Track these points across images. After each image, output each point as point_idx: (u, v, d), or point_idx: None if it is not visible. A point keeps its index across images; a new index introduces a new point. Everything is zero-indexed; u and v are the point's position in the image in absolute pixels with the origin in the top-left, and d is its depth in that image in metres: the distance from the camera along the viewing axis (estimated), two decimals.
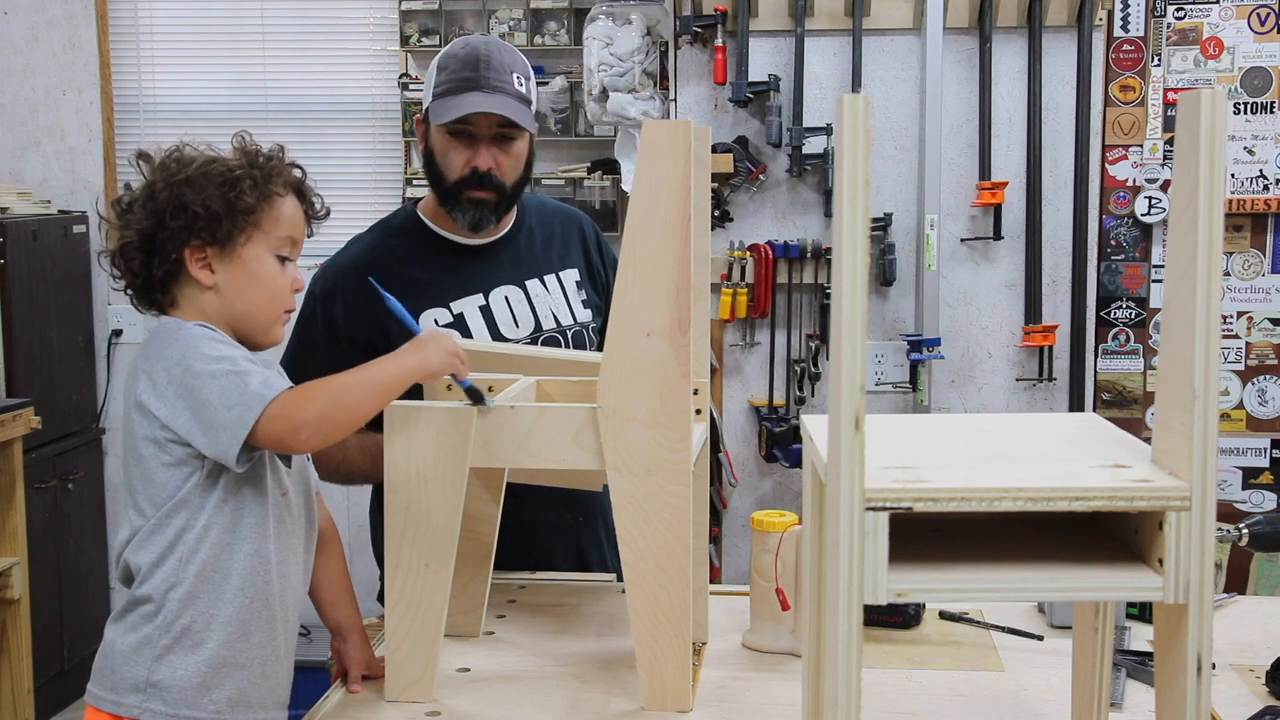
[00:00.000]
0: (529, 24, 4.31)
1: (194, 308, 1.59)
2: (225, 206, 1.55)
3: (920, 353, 3.67)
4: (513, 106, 2.04)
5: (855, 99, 1.04)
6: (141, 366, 1.55)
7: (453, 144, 2.07)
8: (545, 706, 1.60)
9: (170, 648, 1.52)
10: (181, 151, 1.61)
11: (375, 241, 2.18)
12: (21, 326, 3.81)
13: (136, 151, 1.62)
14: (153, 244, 1.56)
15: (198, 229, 1.55)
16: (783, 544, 1.73)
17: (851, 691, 1.09)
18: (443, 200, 2.12)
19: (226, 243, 1.57)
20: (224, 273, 1.57)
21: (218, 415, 1.48)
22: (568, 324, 2.19)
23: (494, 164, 2.06)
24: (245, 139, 1.63)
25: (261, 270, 1.59)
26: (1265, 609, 1.94)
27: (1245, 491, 3.79)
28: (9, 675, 3.50)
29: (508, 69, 2.05)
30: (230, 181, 1.56)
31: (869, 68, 3.73)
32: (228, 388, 1.48)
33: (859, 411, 1.06)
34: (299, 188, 1.64)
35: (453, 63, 2.06)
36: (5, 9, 4.46)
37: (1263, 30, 3.69)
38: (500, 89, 2.03)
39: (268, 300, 1.60)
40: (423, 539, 1.59)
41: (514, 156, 2.09)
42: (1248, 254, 3.77)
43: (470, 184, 2.07)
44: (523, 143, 2.10)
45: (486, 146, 2.06)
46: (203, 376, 1.49)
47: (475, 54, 2.04)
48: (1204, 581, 1.09)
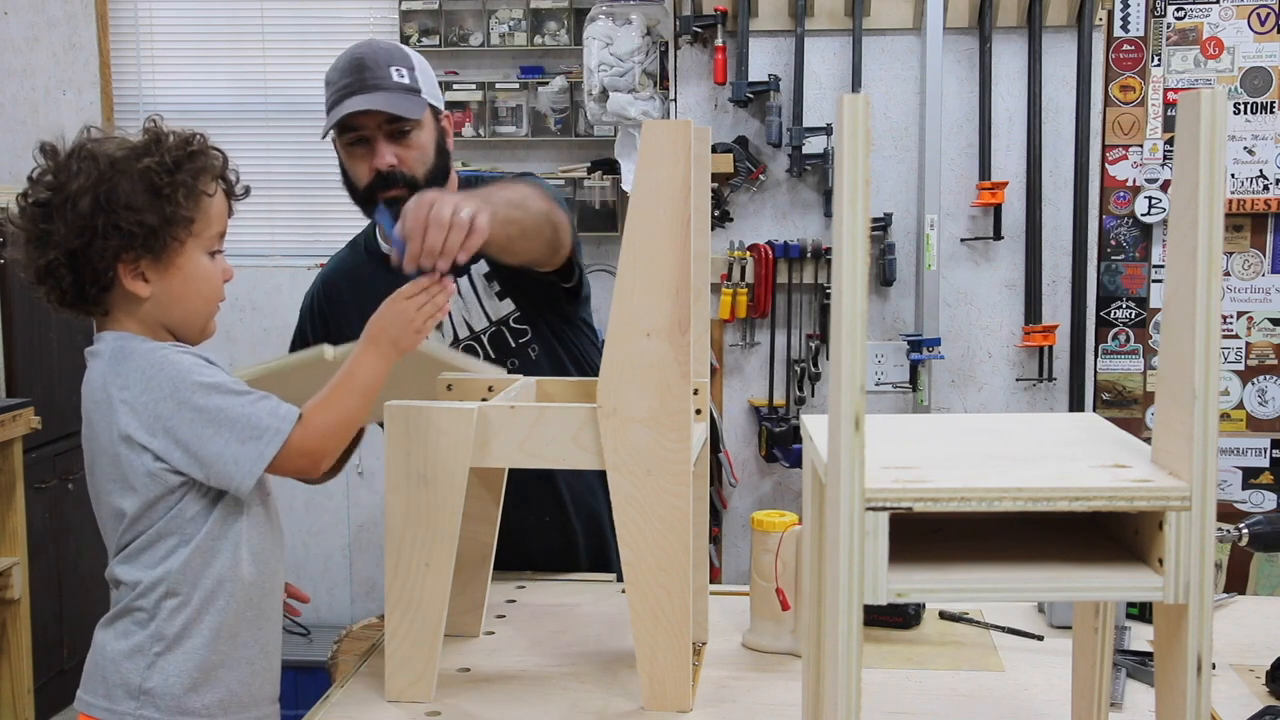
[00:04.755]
0: (529, 24, 4.31)
1: (129, 316, 1.53)
2: (161, 219, 1.48)
3: (920, 353, 3.67)
4: (391, 100, 2.01)
5: (855, 99, 1.04)
6: (119, 396, 1.49)
7: (353, 153, 2.06)
8: (545, 706, 1.60)
9: (162, 654, 1.51)
10: (90, 148, 1.50)
11: (344, 257, 2.26)
12: (21, 326, 3.80)
13: (40, 144, 1.53)
14: (81, 260, 1.49)
15: (133, 245, 1.48)
16: (783, 544, 1.72)
17: (851, 691, 1.09)
18: (364, 211, 2.11)
19: (161, 253, 1.51)
20: (159, 282, 1.52)
21: (228, 450, 1.47)
22: (481, 327, 2.16)
23: (396, 160, 2.04)
24: (158, 123, 1.54)
25: (197, 273, 1.54)
26: (1265, 609, 1.94)
27: (1245, 491, 3.79)
28: (9, 675, 3.50)
29: (384, 64, 2.03)
30: (160, 190, 1.48)
31: (869, 68, 3.73)
32: (237, 424, 1.47)
33: (859, 411, 1.06)
34: (222, 176, 1.57)
35: (334, 75, 2.05)
36: (5, 9, 4.46)
37: (1263, 30, 3.69)
38: (378, 86, 2.01)
39: (204, 302, 1.57)
40: (423, 539, 1.59)
41: (416, 148, 2.06)
42: (1248, 254, 3.77)
43: (379, 186, 2.04)
44: (422, 133, 2.06)
45: (383, 146, 2.03)
46: (206, 414, 1.47)
47: (351, 60, 2.04)
48: (1204, 581, 1.09)
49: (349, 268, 2.23)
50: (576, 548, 2.21)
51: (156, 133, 1.53)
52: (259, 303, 4.49)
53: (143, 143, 1.52)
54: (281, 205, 4.43)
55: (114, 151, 1.50)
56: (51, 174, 1.51)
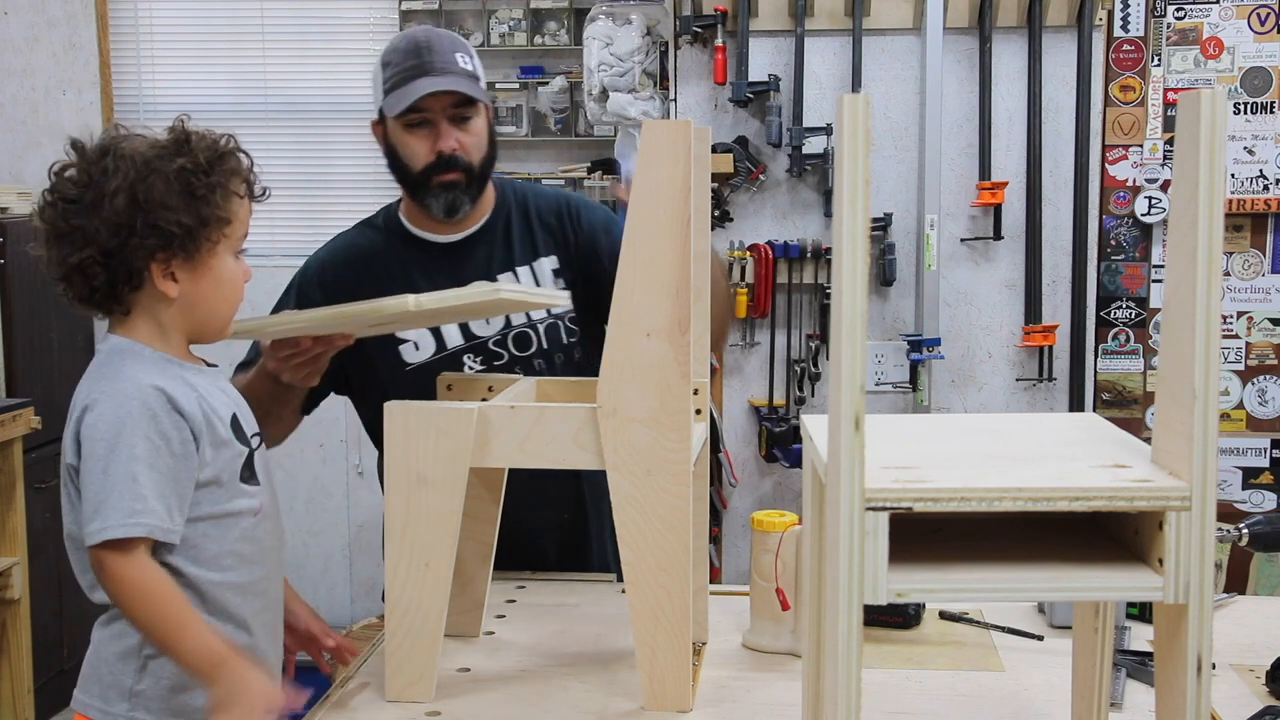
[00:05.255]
0: (529, 24, 4.31)
1: (149, 316, 1.52)
2: (197, 220, 1.48)
3: (920, 353, 3.67)
4: (463, 83, 2.05)
5: (855, 99, 1.04)
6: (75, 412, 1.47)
7: (412, 134, 2.08)
8: (545, 706, 1.60)
9: (154, 656, 1.50)
10: (122, 146, 1.49)
11: (354, 236, 2.22)
12: (21, 326, 3.80)
13: (70, 140, 1.51)
14: (116, 259, 1.47)
15: (170, 245, 1.48)
16: (783, 544, 1.72)
17: (851, 691, 1.09)
18: (413, 193, 2.12)
19: (195, 254, 1.50)
20: (188, 282, 1.52)
21: (87, 507, 1.43)
22: (539, 317, 2.16)
23: (457, 145, 2.06)
24: (185, 124, 1.52)
25: (223, 275, 1.54)
26: (1265, 609, 1.94)
27: (1245, 491, 3.79)
28: (9, 675, 3.50)
29: (450, 50, 2.07)
30: (195, 190, 1.48)
31: (869, 68, 3.73)
32: (99, 494, 1.42)
33: (859, 411, 1.06)
34: (246, 175, 1.56)
35: (395, 56, 2.08)
36: (5, 9, 4.46)
37: (1263, 30, 3.69)
38: (447, 70, 2.04)
39: (226, 304, 1.57)
40: (422, 539, 1.59)
41: (475, 135, 2.09)
42: (1248, 254, 3.77)
43: (438, 169, 2.07)
44: (480, 120, 2.10)
45: (446, 129, 2.06)
46: (100, 463, 1.43)
47: (416, 43, 2.07)
48: (1204, 581, 1.09)
49: (363, 244, 2.19)
50: (591, 546, 2.22)
51: (185, 133, 1.52)
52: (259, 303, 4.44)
53: (173, 142, 1.50)
54: (281, 205, 4.41)
55: (146, 151, 1.49)
56: (82, 171, 1.49)
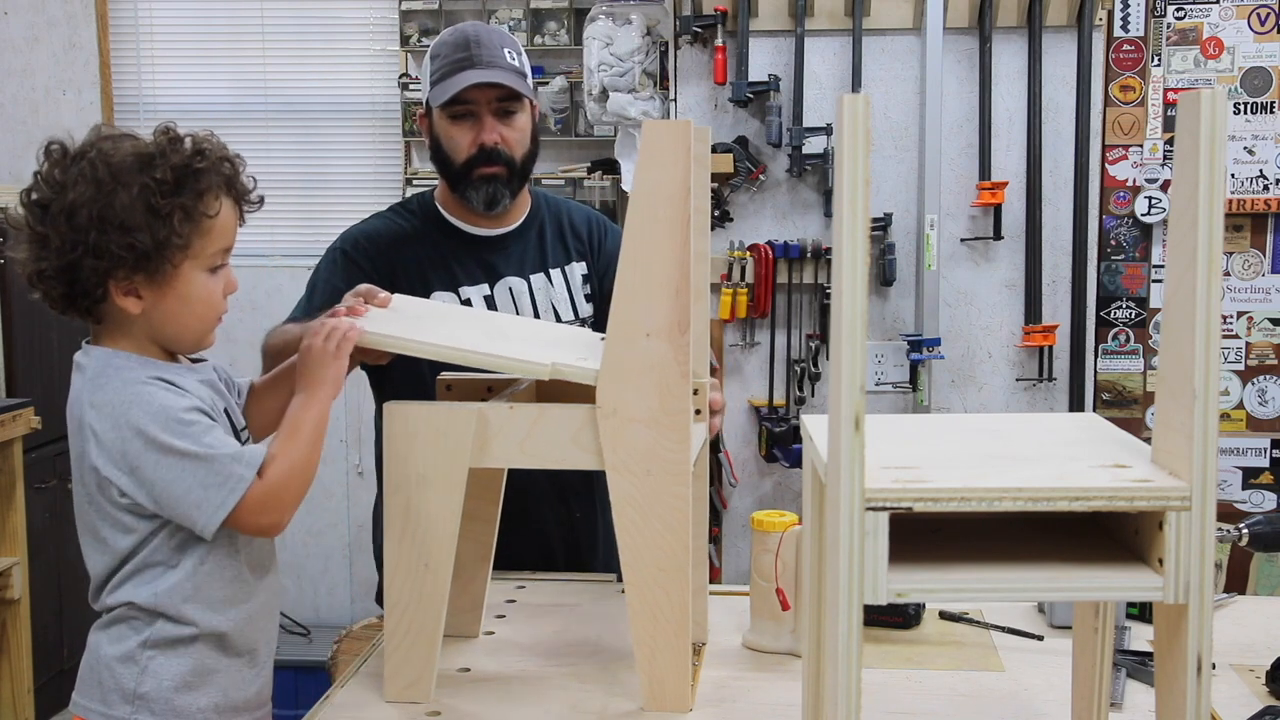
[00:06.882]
0: (529, 24, 4.31)
1: (120, 329, 1.51)
2: (154, 242, 1.44)
3: (920, 353, 3.67)
4: (509, 78, 2.08)
5: (855, 99, 1.04)
6: (91, 425, 1.46)
7: (456, 126, 2.11)
8: (545, 706, 1.60)
9: (154, 658, 1.51)
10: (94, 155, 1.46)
11: (391, 218, 2.24)
12: (21, 326, 3.80)
13: (48, 141, 1.49)
14: (73, 273, 1.45)
15: (123, 266, 1.45)
16: (783, 544, 1.72)
17: (851, 691, 1.09)
18: (454, 184, 2.15)
19: (155, 274, 1.47)
20: (153, 299, 1.48)
21: (189, 495, 1.44)
22: (568, 319, 2.20)
23: (500, 138, 2.10)
24: (171, 130, 1.50)
25: (191, 293, 1.50)
26: (1265, 609, 1.94)
27: (1245, 491, 3.79)
28: (9, 675, 3.50)
29: (498, 46, 2.10)
30: (158, 210, 1.44)
31: (869, 68, 3.72)
32: (200, 469, 1.44)
33: (859, 411, 1.06)
34: (231, 186, 1.52)
35: (444, 49, 2.11)
36: (5, 9, 4.46)
37: (1263, 30, 3.69)
38: (494, 64, 2.08)
39: (197, 320, 1.53)
40: (422, 539, 1.58)
41: (518, 130, 2.12)
42: (1248, 254, 3.77)
43: (479, 161, 2.10)
44: (525, 116, 2.14)
45: (490, 122, 2.10)
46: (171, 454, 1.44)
47: (465, 37, 2.10)
48: (1204, 581, 1.09)
49: (404, 227, 2.20)
50: (599, 545, 2.22)
51: (168, 139, 1.49)
52: (259, 303, 4.48)
53: (146, 154, 1.47)
54: (281, 205, 4.41)
55: (120, 159, 1.46)
56: (56, 174, 1.48)
